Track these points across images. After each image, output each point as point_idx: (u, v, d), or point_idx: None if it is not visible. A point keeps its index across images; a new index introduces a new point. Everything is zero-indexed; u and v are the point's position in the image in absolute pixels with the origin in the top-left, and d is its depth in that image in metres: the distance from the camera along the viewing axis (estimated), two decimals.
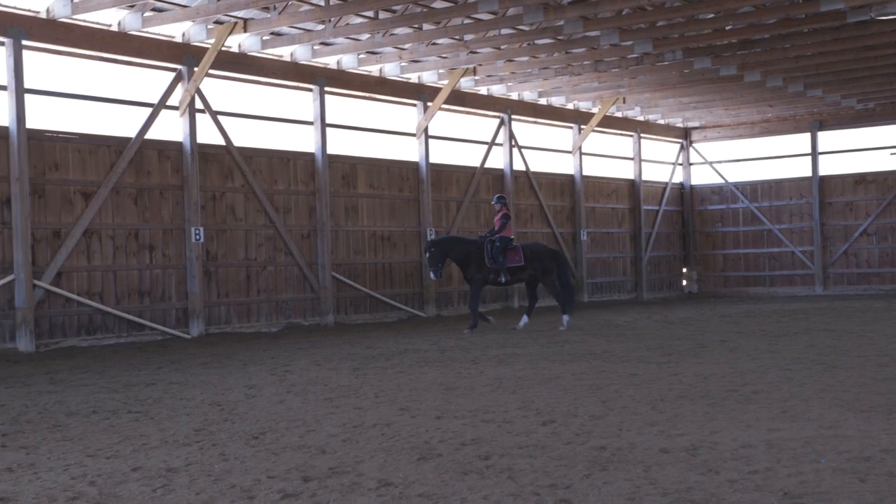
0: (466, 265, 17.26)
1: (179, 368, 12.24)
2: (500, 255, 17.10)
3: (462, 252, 17.23)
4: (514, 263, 17.33)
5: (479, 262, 17.20)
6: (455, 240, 17.68)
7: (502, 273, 17.16)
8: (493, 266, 17.17)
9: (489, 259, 17.15)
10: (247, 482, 5.98)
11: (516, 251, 17.39)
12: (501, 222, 17.28)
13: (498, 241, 17.14)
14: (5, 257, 14.28)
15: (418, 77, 21.06)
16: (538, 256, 17.57)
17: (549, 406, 8.51)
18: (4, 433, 7.85)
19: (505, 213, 17.38)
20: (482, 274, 17.22)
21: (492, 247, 17.13)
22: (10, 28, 14.16)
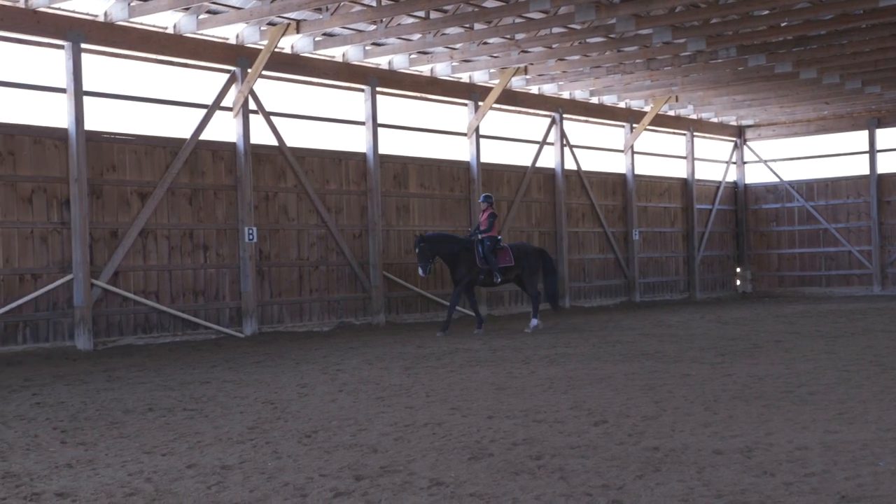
0: (456, 265, 16.92)
1: (233, 367, 12.37)
2: (491, 254, 16.88)
3: (452, 251, 16.90)
4: (504, 263, 17.12)
5: (469, 262, 16.91)
6: (446, 237, 17.27)
7: (496, 273, 16.93)
8: (485, 266, 16.92)
9: (480, 259, 16.89)
10: (299, 480, 6.03)
11: (505, 251, 17.20)
12: (489, 221, 17.02)
13: (487, 240, 16.89)
14: (64, 257, 14.54)
15: (469, 77, 21.06)
16: (526, 256, 17.44)
17: (601, 406, 8.47)
18: (64, 430, 8.00)
19: (492, 213, 17.14)
20: (472, 275, 16.94)
21: (482, 247, 16.88)
22: (69, 32, 14.42)
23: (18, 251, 14.11)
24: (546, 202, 23.53)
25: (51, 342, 14.35)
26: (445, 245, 16.90)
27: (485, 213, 17.23)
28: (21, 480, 6.20)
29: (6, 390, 10.46)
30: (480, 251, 16.89)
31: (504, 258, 17.09)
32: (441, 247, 16.84)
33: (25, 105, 14.54)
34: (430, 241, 16.77)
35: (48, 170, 14.46)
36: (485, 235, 16.90)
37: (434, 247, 16.76)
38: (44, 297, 14.33)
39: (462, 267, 16.86)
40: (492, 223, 17.01)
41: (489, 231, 16.99)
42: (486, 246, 16.86)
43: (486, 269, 16.94)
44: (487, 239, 16.92)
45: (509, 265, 17.15)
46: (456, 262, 16.89)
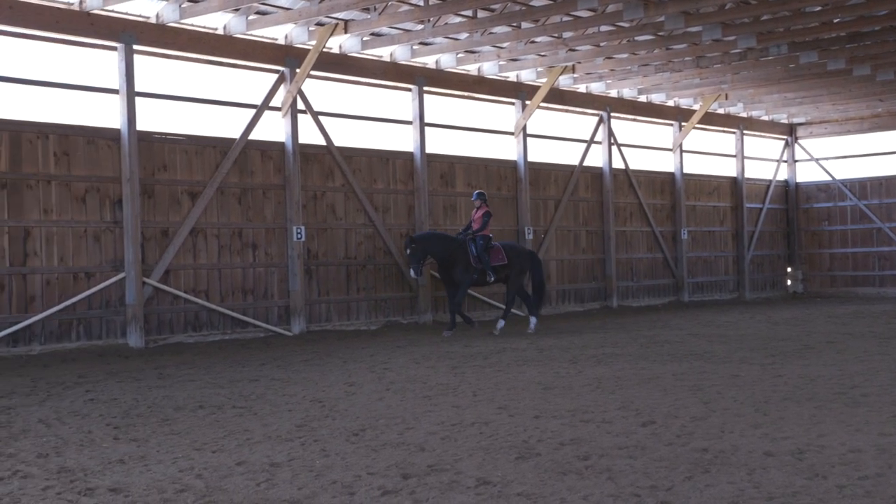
0: (452, 265, 16.65)
1: (282, 365, 12.47)
2: (484, 253, 16.69)
3: (445, 250, 16.64)
4: (497, 262, 16.91)
5: (465, 262, 16.67)
6: (438, 237, 16.98)
7: (489, 272, 16.73)
8: (479, 265, 16.71)
9: (474, 258, 16.65)
10: (347, 478, 6.07)
11: (498, 250, 17.00)
12: (483, 220, 16.82)
13: (481, 239, 16.73)
14: (117, 256, 14.76)
15: (516, 75, 21.03)
16: (518, 256, 17.26)
17: (649, 407, 8.41)
18: (117, 426, 8.12)
19: (487, 211, 16.96)
20: (469, 274, 16.72)
21: (475, 245, 16.68)
22: (121, 33, 14.63)
23: (72, 250, 14.35)
24: (593, 201, 23.42)
25: (104, 339, 14.57)
26: (439, 245, 16.65)
27: (479, 211, 17.01)
28: (75, 475, 6.31)
29: (61, 387, 10.64)
30: (474, 250, 16.67)
31: (497, 257, 16.90)
32: (434, 247, 16.60)
33: (79, 106, 14.77)
34: (421, 242, 16.55)
35: (101, 170, 14.68)
36: (479, 234, 16.73)
37: (426, 247, 16.54)
38: (97, 296, 14.55)
39: (459, 267, 16.64)
40: (486, 222, 16.83)
41: (484, 229, 16.81)
42: (479, 245, 16.69)
43: (479, 268, 16.73)
44: (481, 237, 16.76)
45: (502, 264, 16.96)
46: (452, 262, 16.63)
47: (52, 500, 5.72)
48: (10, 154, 13.77)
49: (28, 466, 6.59)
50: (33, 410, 9.01)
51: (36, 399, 9.73)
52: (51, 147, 14.19)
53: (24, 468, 6.54)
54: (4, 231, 13.68)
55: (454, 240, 16.85)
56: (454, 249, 16.64)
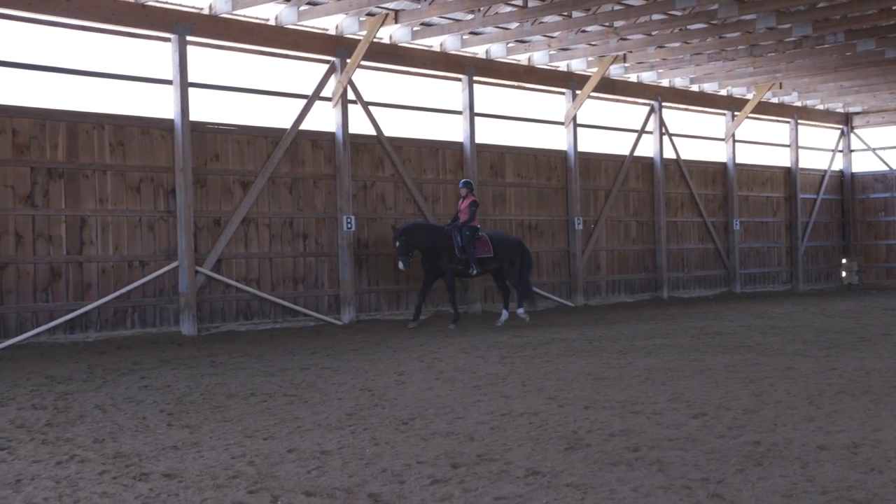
0: (437, 256, 16.17)
1: (332, 354, 12.56)
2: (470, 245, 16.22)
3: (431, 241, 16.14)
4: (483, 254, 16.45)
5: (450, 252, 16.21)
6: (424, 227, 16.45)
7: (473, 264, 16.27)
8: (463, 257, 16.26)
9: (459, 249, 16.22)
10: (397, 467, 6.10)
11: (485, 241, 16.53)
12: (470, 210, 16.33)
13: (467, 230, 16.25)
14: (170, 245, 14.95)
15: (567, 65, 20.91)
16: (506, 247, 16.79)
17: (701, 398, 8.35)
18: (170, 413, 8.24)
19: (473, 200, 16.47)
20: (454, 265, 16.28)
21: (461, 236, 16.23)
22: (175, 25, 14.79)
23: (127, 239, 14.56)
24: (644, 191, 23.25)
25: (157, 327, 14.78)
26: (426, 235, 16.18)
27: (465, 201, 16.52)
28: (130, 461, 6.42)
29: (116, 373, 10.82)
30: (459, 241, 16.24)
31: (483, 249, 16.45)
32: (422, 237, 16.11)
33: (134, 97, 14.97)
34: (410, 233, 16.00)
35: (155, 159, 14.87)
36: (465, 225, 16.32)
37: (415, 238, 16.02)
38: (151, 284, 14.76)
39: (444, 258, 16.19)
40: (474, 212, 16.38)
41: (471, 220, 16.38)
42: (465, 235, 16.21)
43: (463, 259, 16.31)
44: (467, 228, 16.29)
45: (488, 256, 16.52)
46: (437, 253, 16.17)
47: (108, 484, 5.83)
48: (67, 144, 14.00)
49: (85, 451, 6.72)
50: (90, 396, 9.18)
51: (92, 385, 9.91)
52: (106, 137, 14.41)
53: (81, 453, 6.67)
54: (62, 220, 13.92)
55: (441, 230, 16.42)
56: (440, 240, 16.19)
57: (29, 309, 13.53)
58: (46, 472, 6.12)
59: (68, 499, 5.53)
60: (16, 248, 13.47)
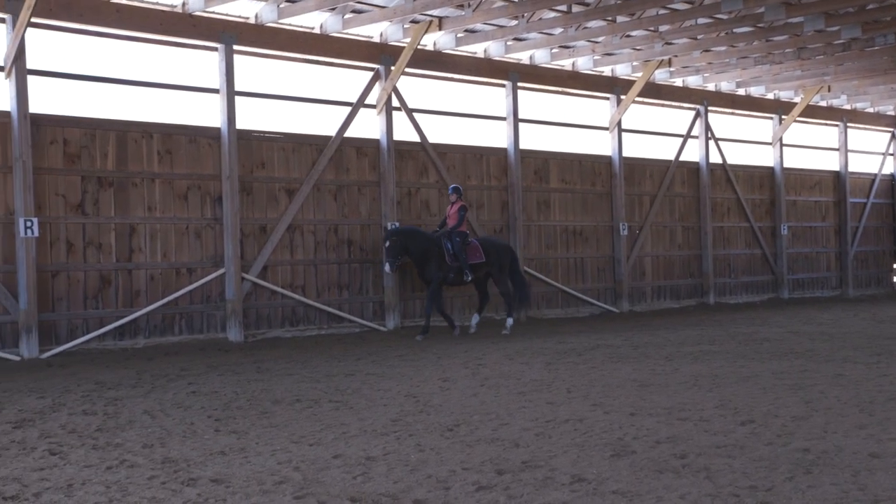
0: (426, 262, 15.70)
1: (377, 360, 12.60)
2: (462, 251, 15.84)
3: (421, 247, 15.68)
4: (475, 260, 16.03)
5: (439, 259, 15.74)
6: (416, 232, 15.93)
7: (467, 270, 15.86)
8: (455, 264, 15.79)
9: (450, 256, 15.75)
10: (442, 473, 6.10)
11: (475, 247, 16.13)
12: (459, 215, 15.94)
13: (457, 235, 15.86)
14: (217, 251, 15.10)
15: (611, 70, 20.83)
16: (497, 252, 16.40)
17: (748, 405, 8.26)
18: (218, 418, 8.32)
19: (462, 206, 16.07)
20: (442, 272, 15.77)
21: (452, 243, 15.80)
22: (222, 34, 14.95)
23: (175, 246, 14.73)
24: (690, 196, 23.07)
25: (204, 334, 14.93)
26: (417, 240, 15.73)
27: (454, 206, 16.13)
28: (179, 466, 6.49)
29: (164, 379, 10.95)
30: (450, 247, 15.79)
31: (474, 255, 16.06)
32: (413, 242, 15.67)
33: (182, 106, 15.15)
34: (402, 235, 15.63)
35: (202, 167, 15.03)
36: (454, 231, 15.93)
37: (406, 241, 15.61)
38: (198, 291, 14.91)
39: (433, 265, 15.70)
40: (462, 217, 15.98)
41: (460, 226, 15.99)
42: (456, 242, 15.80)
43: (455, 266, 15.83)
44: (457, 234, 15.90)
45: (480, 262, 16.13)
46: (426, 260, 15.71)
47: (157, 489, 5.89)
48: (116, 153, 14.20)
49: (134, 456, 6.81)
50: (139, 402, 9.29)
51: (141, 391, 10.04)
52: (154, 146, 14.59)
53: (130, 458, 6.76)
54: (111, 228, 14.12)
55: (431, 237, 15.94)
56: (430, 247, 15.75)
57: (79, 316, 13.73)
58: (97, 477, 6.21)
59: (118, 503, 5.60)
60: (67, 256, 13.68)
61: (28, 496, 5.79)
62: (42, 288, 13.35)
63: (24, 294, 13.01)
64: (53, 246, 13.56)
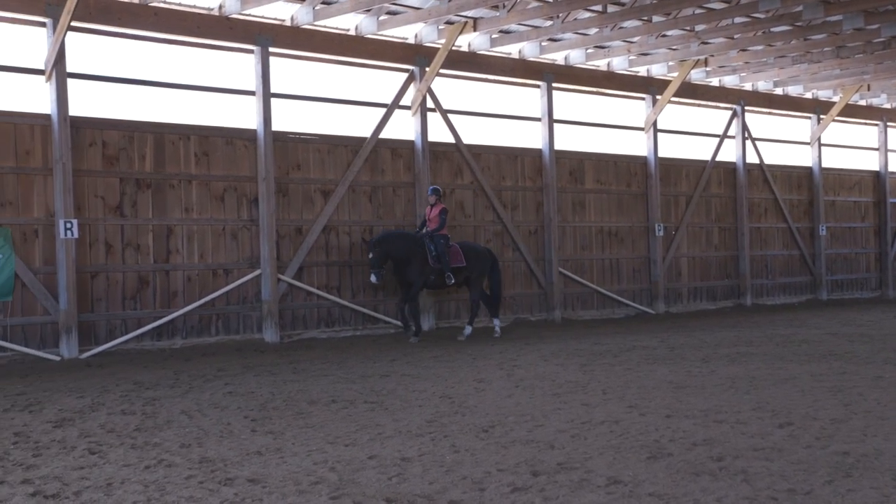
0: (407, 266, 15.22)
1: (411, 361, 12.63)
2: (444, 254, 15.38)
3: (404, 251, 15.18)
4: (456, 264, 15.62)
5: (422, 262, 15.29)
6: (398, 236, 15.46)
7: (449, 273, 15.40)
8: (437, 266, 15.37)
9: (433, 259, 15.31)
10: (477, 474, 6.11)
11: (456, 251, 15.71)
12: (441, 219, 15.46)
13: (440, 238, 15.42)
14: (253, 253, 15.19)
15: (647, 70, 20.72)
16: (476, 257, 16.00)
17: (786, 408, 8.18)
18: (254, 419, 8.37)
19: (444, 208, 15.62)
20: (424, 275, 15.33)
21: (435, 245, 15.37)
22: (258, 36, 15.05)
23: (212, 247, 14.84)
24: (726, 197, 22.89)
25: (241, 334, 15.03)
26: (400, 245, 15.22)
27: (434, 209, 15.66)
28: (216, 466, 6.54)
29: (201, 379, 11.04)
30: (433, 249, 15.39)
31: (456, 258, 15.63)
32: (395, 247, 15.14)
33: (218, 108, 15.27)
34: (384, 244, 15.04)
35: (238, 169, 15.14)
36: (438, 233, 15.47)
37: (389, 249, 15.06)
38: (234, 292, 15.01)
39: (415, 268, 15.24)
40: (444, 220, 15.50)
41: (441, 228, 15.50)
42: (440, 244, 15.39)
43: (437, 269, 15.39)
44: (440, 237, 15.46)
45: (461, 265, 15.71)
46: (408, 263, 15.22)
47: (195, 488, 5.95)
48: (154, 155, 14.34)
49: (172, 456, 6.87)
50: (176, 402, 9.38)
51: (179, 391, 10.12)
52: (192, 148, 14.72)
53: (168, 457, 6.82)
54: (149, 229, 14.26)
55: (413, 239, 15.48)
56: (413, 250, 15.28)
57: (118, 316, 13.88)
58: (136, 476, 6.27)
59: (156, 502, 5.66)
60: (106, 257, 13.83)
61: (68, 494, 5.86)
62: (81, 289, 13.50)
63: (64, 295, 13.17)
64: (93, 247, 13.71)
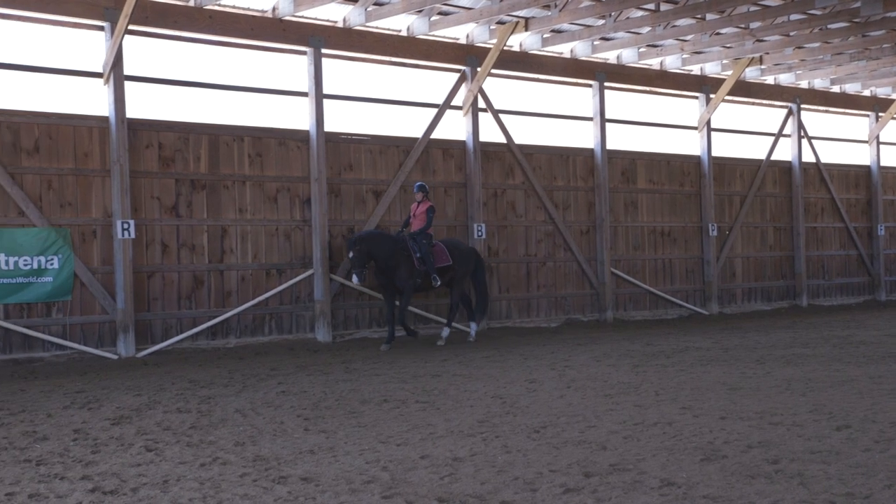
0: (395, 268, 14.45)
1: (463, 361, 12.63)
2: (429, 254, 14.73)
3: (387, 251, 14.41)
4: (442, 264, 14.93)
5: (409, 264, 14.57)
6: (380, 236, 14.70)
7: (434, 275, 14.71)
8: (423, 268, 14.65)
9: (418, 260, 14.60)
10: (529, 475, 6.09)
11: (441, 250, 15.02)
12: (427, 216, 14.80)
13: (424, 237, 14.77)
14: (306, 253, 15.31)
15: (700, 69, 20.52)
16: (463, 256, 15.31)
17: (844, 410, 8.05)
18: (307, 417, 8.44)
19: (431, 206, 14.96)
20: (413, 279, 14.60)
21: (419, 245, 14.66)
22: (310, 38, 15.16)
23: (265, 247, 14.98)
24: (782, 196, 22.59)
25: (293, 334, 15.15)
26: (383, 245, 14.45)
27: (420, 206, 15.00)
28: (269, 464, 6.60)
29: (255, 378, 11.15)
30: (417, 250, 14.68)
31: (441, 258, 14.96)
32: (378, 248, 14.37)
33: (271, 109, 15.41)
34: (367, 242, 14.27)
35: (291, 170, 15.26)
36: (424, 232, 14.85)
37: (371, 248, 14.30)
38: (287, 291, 15.14)
39: (403, 270, 14.51)
40: (430, 219, 14.84)
41: (427, 227, 14.86)
42: (423, 245, 14.70)
43: (423, 270, 14.69)
44: (424, 236, 14.81)
45: (447, 265, 15.01)
46: (395, 265, 14.48)
47: (249, 486, 6.01)
48: (209, 156, 14.51)
49: (227, 454, 6.95)
50: (230, 400, 9.48)
51: (233, 390, 10.24)
52: (245, 149, 14.87)
53: (223, 455, 6.90)
54: (204, 230, 14.43)
55: (397, 239, 14.78)
56: (397, 250, 14.55)
57: (174, 316, 14.07)
58: (191, 474, 6.35)
59: (212, 500, 5.72)
60: (162, 257, 14.03)
61: (126, 491, 5.95)
62: (138, 288, 13.71)
63: (122, 294, 13.38)
64: (149, 247, 13.91)
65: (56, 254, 13.01)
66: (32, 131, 13.05)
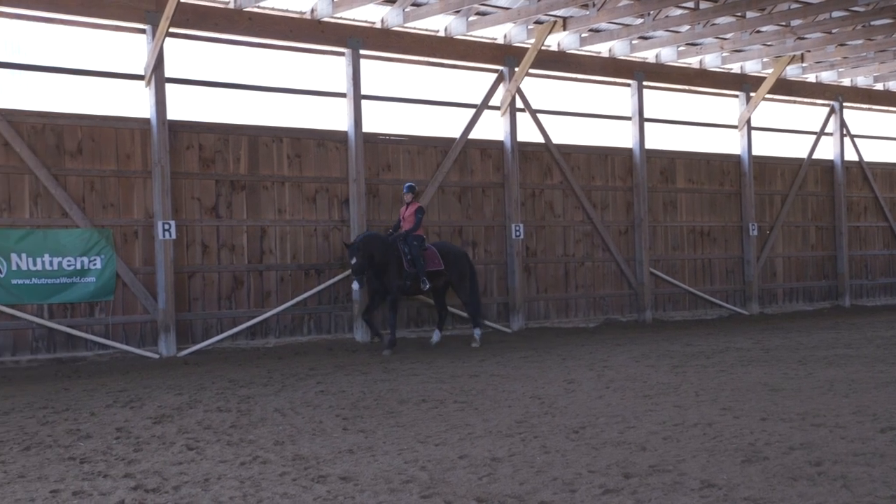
0: (385, 270, 14.09)
1: (501, 361, 12.62)
2: (419, 257, 14.34)
3: (384, 254, 14.06)
4: (433, 267, 14.51)
5: (398, 266, 14.22)
6: (378, 238, 14.24)
7: (423, 278, 14.30)
8: (413, 270, 14.26)
9: (408, 262, 14.24)
10: (568, 475, 6.08)
11: (433, 253, 14.61)
12: (416, 218, 14.41)
13: (415, 240, 14.37)
14: (344, 253, 15.35)
15: (740, 67, 20.34)
16: (455, 259, 14.87)
17: (888, 412, 7.94)
18: (345, 417, 8.47)
19: (420, 207, 14.60)
20: (402, 281, 14.23)
21: (409, 247, 14.29)
22: (349, 39, 15.22)
23: (304, 248, 15.06)
24: (824, 196, 22.33)
25: (332, 334, 15.22)
26: (379, 248, 14.05)
27: (409, 208, 14.63)
28: (309, 463, 6.64)
29: (294, 378, 11.21)
30: (407, 252, 14.29)
31: (432, 261, 14.53)
32: (376, 251, 13.99)
33: (309, 110, 15.49)
34: (367, 246, 13.87)
35: (329, 171, 15.33)
36: (413, 235, 14.42)
37: (373, 251, 13.94)
38: (326, 292, 15.21)
39: (392, 272, 14.14)
40: (420, 220, 14.45)
41: (416, 229, 14.48)
42: (414, 246, 14.30)
43: (412, 272, 14.29)
44: (414, 238, 14.39)
45: (438, 269, 14.59)
46: (385, 268, 14.10)
47: (289, 485, 6.05)
48: (248, 157, 14.62)
49: (266, 453, 7.00)
50: (270, 400, 9.55)
51: (272, 389, 10.30)
52: (284, 150, 14.96)
53: (262, 454, 6.95)
54: (244, 230, 14.54)
55: (388, 241, 14.34)
56: (391, 253, 14.19)
57: (214, 315, 14.18)
58: (231, 472, 6.41)
59: (252, 498, 5.77)
60: (202, 258, 14.15)
61: (168, 489, 6.02)
62: (179, 288, 13.84)
63: (163, 294, 13.52)
64: (189, 248, 14.04)
65: (99, 254, 13.17)
66: (76, 133, 13.23)
